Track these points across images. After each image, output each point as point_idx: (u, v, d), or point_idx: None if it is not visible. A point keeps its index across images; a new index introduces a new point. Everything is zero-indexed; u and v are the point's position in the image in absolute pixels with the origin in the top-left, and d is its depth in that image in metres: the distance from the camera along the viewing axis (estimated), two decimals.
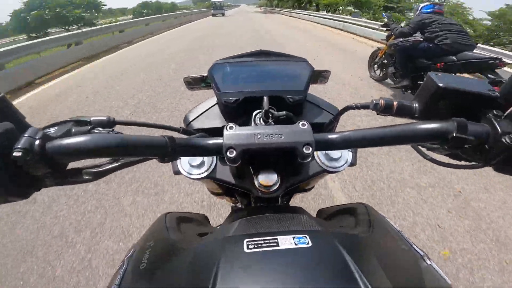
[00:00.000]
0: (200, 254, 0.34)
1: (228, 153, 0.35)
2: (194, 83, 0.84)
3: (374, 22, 11.10)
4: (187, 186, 2.22)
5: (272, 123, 0.50)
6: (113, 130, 0.39)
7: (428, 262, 0.36)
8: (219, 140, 0.38)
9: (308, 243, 0.32)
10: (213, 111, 0.61)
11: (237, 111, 0.55)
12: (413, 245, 0.39)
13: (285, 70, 0.62)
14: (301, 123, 0.38)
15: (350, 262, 0.30)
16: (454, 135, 0.32)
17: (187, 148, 0.37)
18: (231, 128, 0.38)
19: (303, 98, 0.56)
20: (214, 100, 0.63)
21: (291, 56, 0.63)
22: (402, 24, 4.16)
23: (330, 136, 0.39)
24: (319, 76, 0.80)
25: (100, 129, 0.39)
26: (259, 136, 0.37)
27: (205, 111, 0.61)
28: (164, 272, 0.35)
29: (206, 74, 0.81)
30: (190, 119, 0.60)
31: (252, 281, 0.28)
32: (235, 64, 0.60)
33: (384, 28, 4.47)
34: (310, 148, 0.35)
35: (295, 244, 0.32)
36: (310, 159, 0.37)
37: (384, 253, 0.36)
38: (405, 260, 0.36)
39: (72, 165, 0.34)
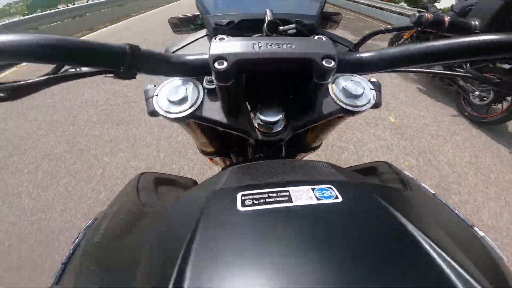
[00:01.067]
0: (172, 218, 0.24)
1: (216, 64, 0.25)
2: (181, 25, 0.71)
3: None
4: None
5: None
6: None
7: (481, 233, 0.28)
8: (203, 55, 0.27)
9: (336, 197, 0.22)
10: (200, 42, 0.48)
11: None
12: (456, 211, 0.30)
13: None
14: (316, 36, 0.29)
15: (403, 220, 0.20)
16: None
17: (156, 62, 0.26)
18: (221, 39, 0.28)
19: (315, 24, 0.43)
20: (204, 31, 0.50)
21: None
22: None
23: (358, 55, 0.29)
24: (328, 20, 0.67)
25: None
26: (260, 45, 0.26)
27: (191, 43, 0.48)
28: (122, 244, 0.25)
29: (195, 13, 0.68)
30: (171, 51, 0.47)
31: (249, 258, 0.17)
32: None
33: (417, 12, 4.02)
34: (332, 62, 0.26)
35: (317, 199, 0.22)
36: (329, 80, 0.28)
37: (436, 215, 0.26)
38: (459, 227, 0.27)
39: None
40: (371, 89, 0.37)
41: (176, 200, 0.29)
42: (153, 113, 0.36)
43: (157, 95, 0.37)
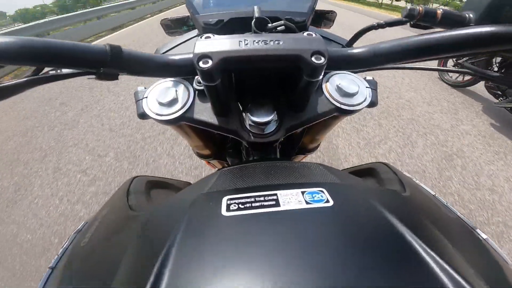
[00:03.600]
0: (155, 221, 0.23)
1: (201, 63, 0.25)
2: (173, 26, 0.70)
3: None
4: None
5: None
6: None
7: (484, 235, 0.26)
8: (188, 55, 0.26)
9: (327, 201, 0.21)
10: (192, 42, 0.48)
11: None
12: (458, 213, 0.29)
13: None
14: (306, 32, 0.28)
15: (397, 224, 0.19)
16: None
17: (138, 62, 0.26)
18: (207, 38, 0.27)
19: (306, 21, 0.42)
20: (194, 32, 0.50)
21: None
22: None
23: (349, 51, 0.28)
24: (323, 18, 0.66)
25: None
26: (246, 42, 0.25)
27: (181, 43, 0.47)
28: (105, 248, 0.24)
29: (188, 15, 0.67)
30: (161, 52, 0.46)
31: (228, 264, 0.17)
32: None
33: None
34: (322, 58, 0.25)
35: (306, 203, 0.21)
36: (319, 77, 0.27)
37: (433, 217, 0.25)
38: (459, 230, 0.26)
39: None
40: (366, 87, 0.36)
41: (162, 203, 0.28)
42: (143, 116, 0.35)
43: (146, 97, 0.36)
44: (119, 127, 2.23)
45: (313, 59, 0.25)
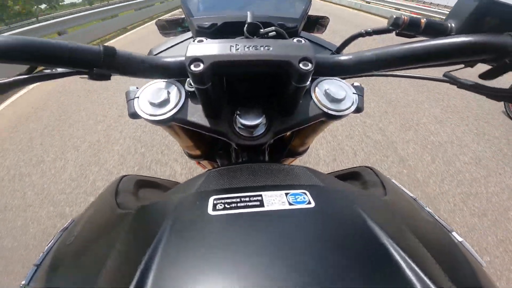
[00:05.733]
0: (142, 219, 0.24)
1: (192, 67, 0.25)
2: (168, 27, 0.70)
3: None
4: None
5: None
6: None
7: (460, 238, 0.28)
8: (180, 58, 0.27)
9: (309, 202, 0.22)
10: (185, 44, 0.48)
11: None
12: (436, 216, 0.31)
13: None
14: (296, 39, 0.29)
15: (374, 226, 0.20)
16: None
17: (131, 64, 0.26)
18: (200, 41, 0.28)
19: (297, 26, 0.43)
20: (188, 34, 0.50)
21: None
22: None
23: (337, 57, 0.29)
24: (316, 23, 0.68)
25: None
26: (237, 47, 0.26)
27: (175, 45, 0.48)
28: (90, 247, 0.24)
29: (182, 16, 0.68)
30: (155, 53, 0.47)
31: (212, 261, 0.17)
32: None
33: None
34: (309, 64, 0.26)
35: (289, 204, 0.22)
36: (307, 83, 0.28)
37: (410, 220, 0.26)
38: (435, 232, 0.27)
39: None
40: (353, 93, 0.37)
41: (150, 201, 0.29)
42: (134, 115, 0.35)
43: (138, 97, 0.36)
44: None
45: (301, 65, 0.26)
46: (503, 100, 0.34)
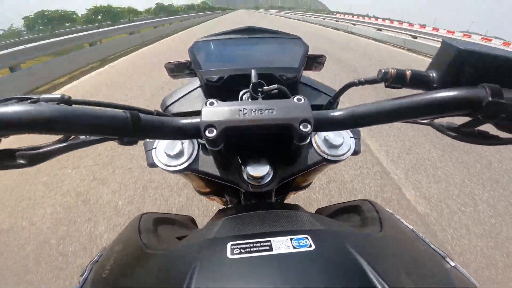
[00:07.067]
0: (171, 261, 0.28)
1: (207, 133, 0.29)
2: (177, 70, 0.76)
3: None
4: None
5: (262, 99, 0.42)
6: None
7: (452, 263, 0.30)
8: (195, 119, 0.31)
9: (310, 246, 0.26)
10: (194, 94, 0.53)
11: (222, 92, 0.48)
12: (431, 244, 0.34)
13: (276, 48, 0.55)
14: (296, 97, 0.32)
15: (366, 266, 0.23)
16: (490, 99, 0.27)
17: (154, 128, 0.30)
18: (211, 104, 0.31)
19: (297, 76, 0.48)
20: (197, 83, 0.55)
21: (283, 33, 0.56)
22: None
23: (332, 114, 0.32)
24: (313, 62, 0.73)
25: None
26: (245, 112, 0.30)
27: (186, 94, 0.53)
28: (127, 282, 0.28)
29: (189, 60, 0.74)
30: (168, 103, 0.52)
31: None
32: (219, 41, 0.53)
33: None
34: (309, 126, 0.29)
35: (294, 248, 0.25)
36: (307, 140, 0.32)
37: (402, 254, 0.30)
38: (426, 262, 0.30)
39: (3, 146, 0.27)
40: (350, 137, 0.41)
41: (174, 244, 0.33)
42: (153, 165, 0.40)
43: (155, 148, 0.40)
44: None
45: (301, 127, 0.29)
46: (489, 145, 0.35)
